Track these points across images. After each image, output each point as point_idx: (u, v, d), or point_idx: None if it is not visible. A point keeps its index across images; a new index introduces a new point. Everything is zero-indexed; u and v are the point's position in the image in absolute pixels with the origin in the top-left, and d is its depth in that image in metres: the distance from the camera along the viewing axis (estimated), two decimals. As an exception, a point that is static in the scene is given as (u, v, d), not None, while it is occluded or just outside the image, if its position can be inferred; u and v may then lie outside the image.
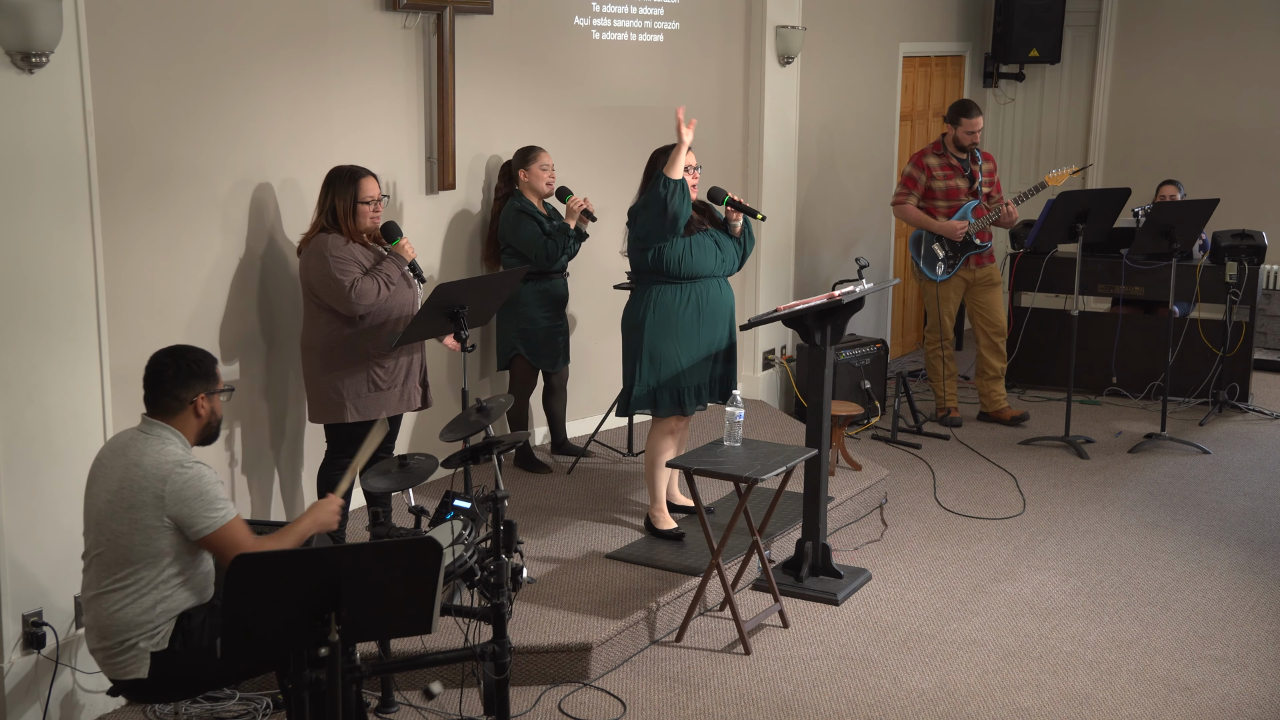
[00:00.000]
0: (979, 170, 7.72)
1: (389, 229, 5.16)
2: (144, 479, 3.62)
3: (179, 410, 3.74)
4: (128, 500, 3.62)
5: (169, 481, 3.61)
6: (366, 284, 4.98)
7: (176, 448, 3.70)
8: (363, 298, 4.97)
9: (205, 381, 3.76)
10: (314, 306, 5.10)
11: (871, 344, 7.96)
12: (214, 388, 3.79)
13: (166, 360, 3.75)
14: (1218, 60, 10.17)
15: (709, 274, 5.55)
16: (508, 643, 3.93)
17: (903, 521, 6.46)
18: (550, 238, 6.19)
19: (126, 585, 3.65)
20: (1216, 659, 5.04)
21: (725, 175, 7.73)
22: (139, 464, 3.64)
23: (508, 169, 6.37)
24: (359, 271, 5.00)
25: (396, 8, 5.81)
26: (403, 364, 5.20)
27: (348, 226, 5.04)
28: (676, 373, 5.53)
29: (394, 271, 5.08)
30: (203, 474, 3.66)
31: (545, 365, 6.41)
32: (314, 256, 5.01)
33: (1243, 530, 6.36)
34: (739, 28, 7.76)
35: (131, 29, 4.71)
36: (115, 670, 3.72)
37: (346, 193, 5.03)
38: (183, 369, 3.74)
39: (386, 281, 5.04)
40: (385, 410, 5.14)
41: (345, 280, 4.95)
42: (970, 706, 4.67)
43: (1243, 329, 8.30)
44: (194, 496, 3.62)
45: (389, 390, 5.15)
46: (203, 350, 3.84)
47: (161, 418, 3.74)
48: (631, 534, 5.80)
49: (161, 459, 3.64)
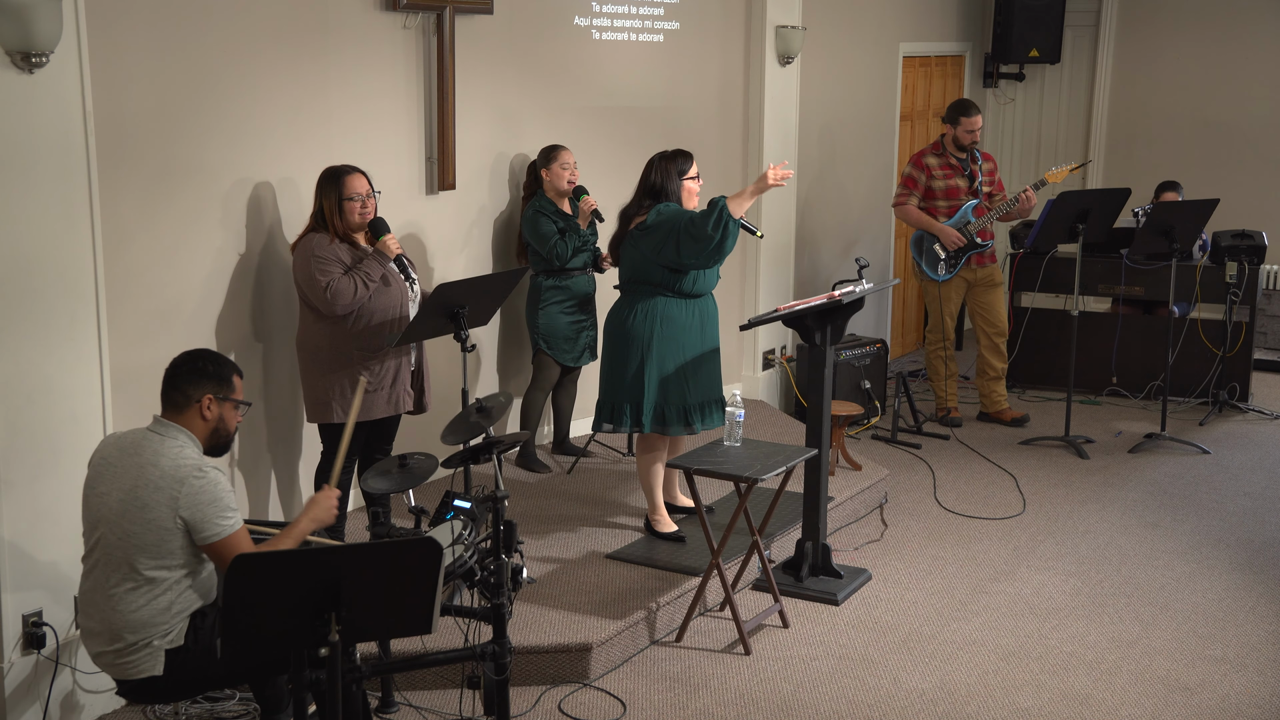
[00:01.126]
0: (979, 170, 7.72)
1: (376, 225, 5.14)
2: (161, 479, 3.62)
3: (185, 408, 3.75)
4: (142, 500, 3.62)
5: (186, 484, 3.62)
6: (343, 284, 4.97)
7: (193, 451, 3.71)
8: (338, 298, 4.96)
9: (216, 385, 3.77)
10: (305, 306, 5.13)
11: (871, 344, 7.96)
12: (225, 393, 3.79)
13: (184, 358, 3.81)
14: (1218, 60, 10.17)
15: (711, 290, 5.56)
16: (508, 643, 3.92)
17: (903, 521, 6.46)
18: (562, 237, 6.21)
19: (142, 586, 3.64)
20: (1216, 659, 5.04)
21: (725, 175, 7.74)
22: (156, 464, 3.64)
23: (534, 168, 6.40)
24: (339, 271, 4.99)
25: (396, 8, 5.81)
26: (390, 366, 5.17)
27: (335, 225, 5.04)
28: (684, 390, 5.48)
29: (375, 270, 5.05)
30: (218, 481, 3.68)
31: (567, 360, 6.44)
32: (300, 256, 5.05)
33: (1243, 530, 6.36)
34: (739, 28, 7.76)
35: (131, 28, 4.71)
36: (125, 671, 3.71)
37: (332, 191, 5.05)
38: (196, 367, 3.77)
39: (365, 280, 5.01)
40: (372, 413, 5.14)
41: (322, 280, 4.96)
42: (970, 706, 4.67)
43: (1243, 329, 8.30)
44: (208, 502, 3.63)
45: (375, 393, 5.14)
46: (226, 359, 3.87)
47: (172, 417, 3.75)
48: (631, 534, 5.80)
49: (180, 461, 3.65)
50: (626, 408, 5.51)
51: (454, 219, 6.38)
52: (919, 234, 7.79)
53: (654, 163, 5.49)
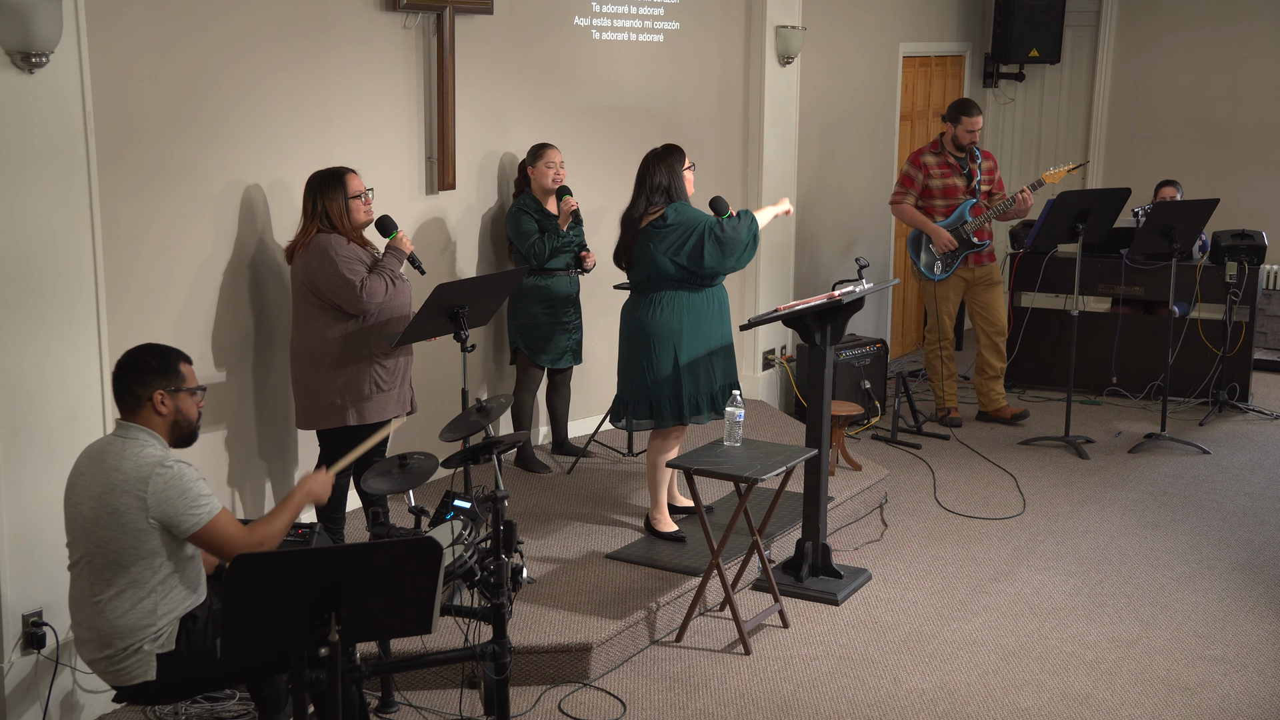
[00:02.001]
0: (977, 169, 7.71)
1: (384, 223, 5.15)
2: (125, 482, 3.57)
3: (139, 408, 3.67)
4: (111, 505, 3.57)
5: (150, 482, 3.56)
6: (374, 282, 4.99)
7: (155, 449, 3.64)
8: (373, 295, 4.97)
9: (164, 378, 3.68)
10: (311, 310, 5.05)
11: (871, 344, 7.96)
12: (175, 385, 3.70)
13: (127, 358, 3.72)
14: (1218, 60, 10.17)
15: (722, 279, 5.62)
16: (508, 643, 3.93)
17: (903, 521, 6.46)
18: (542, 236, 6.21)
19: (125, 590, 3.61)
20: (1216, 659, 5.04)
21: (725, 176, 7.74)
22: (119, 468, 3.59)
23: (523, 167, 6.40)
24: (365, 270, 5.00)
25: (396, 8, 5.81)
26: (401, 364, 5.19)
27: (345, 226, 5.03)
28: (711, 377, 5.55)
29: (396, 266, 5.09)
30: (183, 472, 3.61)
31: (544, 361, 6.43)
32: (317, 258, 4.98)
33: (1243, 530, 6.36)
34: (739, 28, 7.76)
35: (131, 28, 4.71)
36: (119, 678, 3.69)
37: (337, 193, 5.01)
38: (140, 365, 3.68)
39: (393, 277, 5.05)
40: (385, 413, 5.12)
41: (355, 279, 4.94)
42: (970, 706, 4.67)
43: (1243, 329, 8.30)
44: (176, 495, 3.58)
45: (389, 391, 5.14)
46: (169, 348, 3.76)
47: (130, 418, 3.69)
48: (631, 534, 5.80)
49: (141, 461, 3.59)
50: (665, 402, 5.53)
51: (454, 219, 6.38)
52: (916, 233, 7.79)
53: (651, 162, 5.48)
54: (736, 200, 7.83)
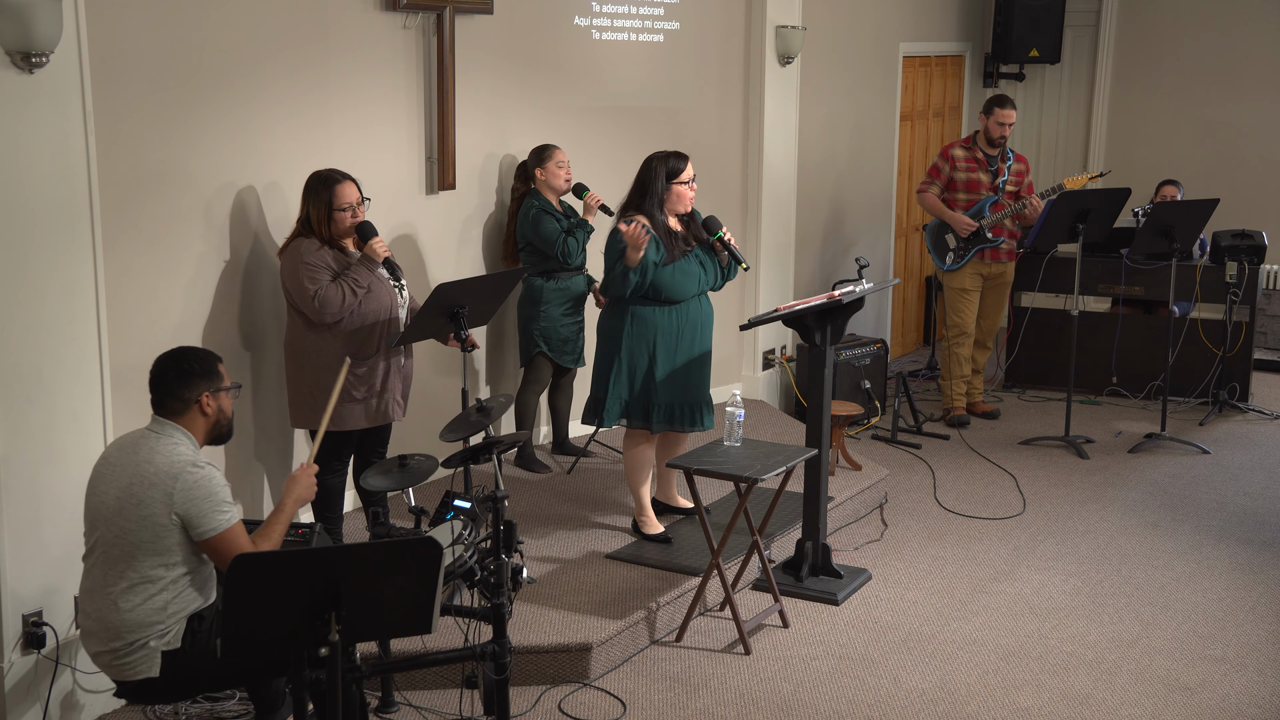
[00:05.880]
0: (1005, 169, 7.76)
1: (363, 229, 5.08)
2: (155, 475, 3.64)
3: (184, 411, 3.77)
4: (138, 496, 3.63)
5: (180, 479, 3.63)
6: (330, 291, 4.92)
7: (188, 449, 3.73)
8: (326, 305, 4.91)
9: (208, 380, 3.78)
10: (293, 311, 5.09)
11: (871, 344, 7.96)
12: (218, 385, 3.81)
13: (168, 362, 3.79)
14: (1218, 60, 10.18)
15: (692, 296, 5.54)
16: (508, 643, 3.93)
17: (903, 521, 6.46)
18: (570, 234, 6.19)
19: (138, 585, 3.65)
20: (1216, 659, 5.04)
21: (725, 176, 7.74)
22: (151, 461, 3.66)
23: (524, 168, 6.38)
24: (327, 278, 4.94)
25: (396, 8, 5.81)
26: (379, 373, 5.11)
27: (323, 233, 5.01)
28: (650, 388, 5.49)
29: (363, 276, 4.99)
30: (213, 476, 3.69)
31: (568, 362, 6.43)
32: (289, 262, 5.00)
33: (1243, 530, 6.36)
34: (739, 28, 7.76)
35: (131, 29, 4.71)
36: (123, 672, 3.71)
37: (321, 199, 4.99)
38: (184, 369, 3.77)
39: (354, 286, 4.96)
40: (355, 422, 5.09)
41: (311, 288, 4.92)
42: (970, 706, 4.67)
43: (1243, 329, 8.30)
44: (203, 497, 3.64)
45: (363, 400, 5.09)
46: (205, 350, 3.87)
47: (169, 418, 3.77)
48: (631, 534, 5.80)
49: (174, 457, 3.67)
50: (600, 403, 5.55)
51: (454, 219, 6.38)
52: (935, 222, 7.85)
53: (648, 161, 5.48)
54: (737, 200, 7.84)
